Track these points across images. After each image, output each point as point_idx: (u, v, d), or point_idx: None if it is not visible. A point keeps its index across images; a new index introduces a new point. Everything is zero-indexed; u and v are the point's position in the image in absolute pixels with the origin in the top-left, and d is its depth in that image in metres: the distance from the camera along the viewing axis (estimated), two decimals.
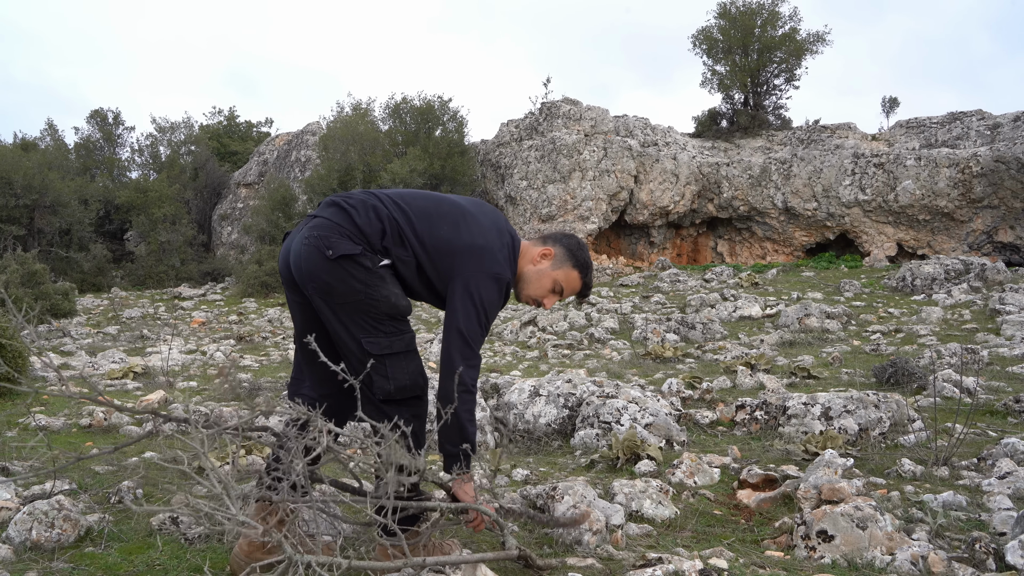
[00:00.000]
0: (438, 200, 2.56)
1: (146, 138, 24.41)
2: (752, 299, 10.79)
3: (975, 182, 14.45)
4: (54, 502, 2.82)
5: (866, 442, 4.36)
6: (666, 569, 2.53)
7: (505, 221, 2.64)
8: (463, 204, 2.57)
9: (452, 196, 2.64)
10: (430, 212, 2.48)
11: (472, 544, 2.94)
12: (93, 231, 20.37)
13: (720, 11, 20.25)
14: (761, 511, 3.38)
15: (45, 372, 6.96)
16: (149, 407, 5.32)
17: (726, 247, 18.02)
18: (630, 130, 18.57)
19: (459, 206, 2.54)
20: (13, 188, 18.21)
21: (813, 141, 18.27)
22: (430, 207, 2.50)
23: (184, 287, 18.00)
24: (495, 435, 4.88)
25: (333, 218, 2.39)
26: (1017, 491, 3.36)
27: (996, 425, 4.61)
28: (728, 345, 8.03)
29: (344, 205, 2.42)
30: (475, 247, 2.43)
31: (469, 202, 2.61)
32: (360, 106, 19.43)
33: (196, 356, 8.79)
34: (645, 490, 3.42)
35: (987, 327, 8.19)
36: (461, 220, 2.49)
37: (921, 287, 11.22)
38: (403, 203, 2.48)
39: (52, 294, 11.12)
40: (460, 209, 2.53)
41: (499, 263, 2.46)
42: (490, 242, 2.47)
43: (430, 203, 2.51)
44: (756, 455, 4.22)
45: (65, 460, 3.60)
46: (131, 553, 2.70)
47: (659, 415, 4.60)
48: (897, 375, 5.73)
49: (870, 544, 2.76)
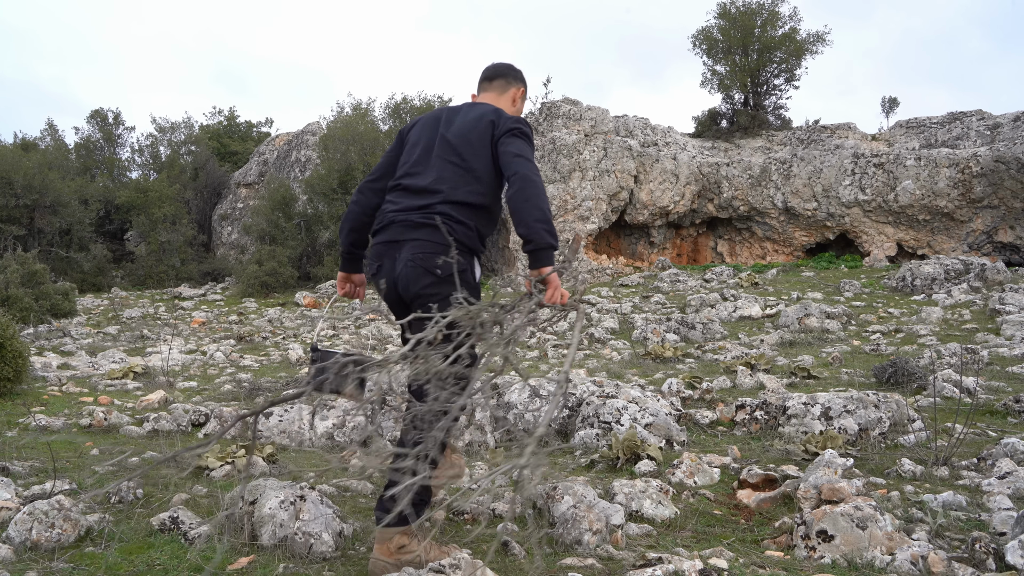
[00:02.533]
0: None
1: (146, 138, 24.43)
2: (752, 299, 10.79)
3: (975, 182, 14.45)
4: (54, 502, 2.82)
5: (866, 442, 4.36)
6: (666, 569, 2.54)
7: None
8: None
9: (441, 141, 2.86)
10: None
11: (472, 544, 2.95)
12: (93, 231, 20.36)
13: (720, 11, 20.25)
14: (761, 511, 3.38)
15: (45, 372, 6.96)
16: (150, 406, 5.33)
17: (726, 247, 18.02)
18: (630, 130, 18.56)
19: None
20: (13, 188, 18.21)
21: (813, 141, 18.27)
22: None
23: (184, 287, 17.99)
24: (495, 435, 4.88)
25: (429, 238, 2.66)
26: (1017, 491, 3.36)
27: (996, 425, 4.61)
28: (728, 345, 8.03)
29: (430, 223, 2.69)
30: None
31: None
32: (360, 106, 19.44)
33: (196, 356, 8.79)
34: (645, 490, 3.42)
35: (987, 327, 8.19)
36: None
37: (921, 287, 11.22)
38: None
39: (52, 294, 11.12)
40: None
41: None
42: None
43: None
44: (756, 455, 4.22)
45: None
46: (131, 553, 2.70)
47: (659, 415, 4.60)
48: (897, 375, 5.73)
49: (870, 544, 2.76)
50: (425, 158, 2.86)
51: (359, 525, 3.06)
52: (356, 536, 2.96)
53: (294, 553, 2.72)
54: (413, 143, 2.94)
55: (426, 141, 2.89)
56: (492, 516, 3.28)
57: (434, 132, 2.89)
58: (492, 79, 3.08)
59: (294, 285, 16.68)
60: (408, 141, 2.97)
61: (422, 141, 2.91)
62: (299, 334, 10.87)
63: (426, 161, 2.85)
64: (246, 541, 2.80)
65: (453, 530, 3.13)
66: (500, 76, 3.07)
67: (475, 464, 4.14)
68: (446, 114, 2.94)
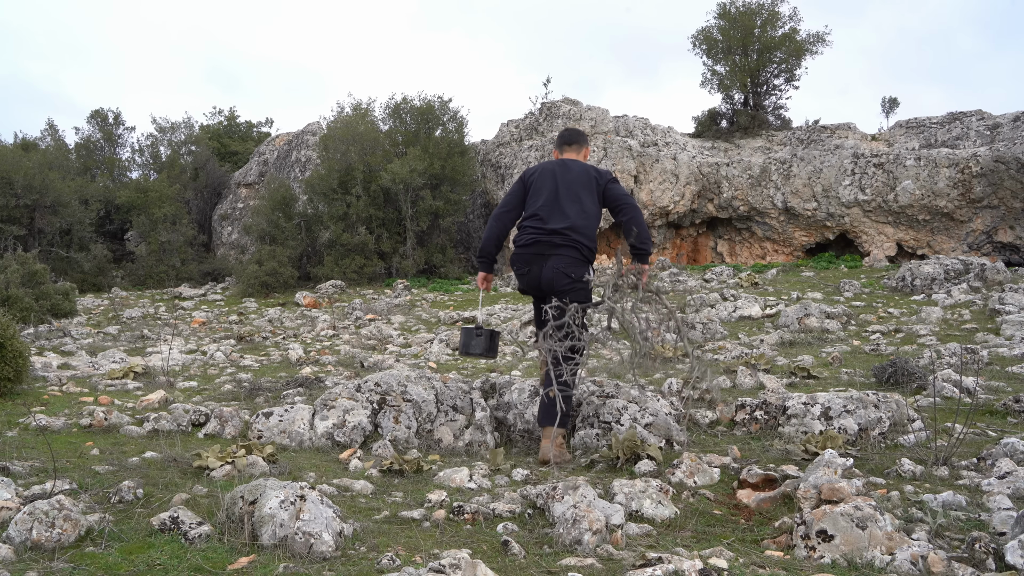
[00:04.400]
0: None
1: (146, 138, 24.41)
2: (752, 299, 10.79)
3: (975, 182, 14.45)
4: (54, 502, 2.82)
5: (866, 442, 4.36)
6: (666, 569, 2.54)
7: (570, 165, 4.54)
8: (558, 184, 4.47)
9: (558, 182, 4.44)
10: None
11: (472, 544, 2.95)
12: (93, 231, 20.35)
13: (720, 11, 20.24)
14: (761, 511, 3.38)
15: (45, 372, 6.96)
16: (150, 406, 5.33)
17: (726, 247, 18.02)
18: (630, 130, 18.57)
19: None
20: (13, 188, 18.21)
21: (813, 141, 18.27)
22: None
23: (184, 287, 18.00)
24: (495, 435, 4.88)
25: (567, 254, 4.30)
26: (1017, 491, 3.36)
27: (996, 425, 4.61)
28: (728, 345, 8.03)
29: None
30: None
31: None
32: (360, 106, 19.43)
33: (196, 356, 8.80)
34: (645, 490, 3.42)
35: (987, 327, 8.19)
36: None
37: (921, 287, 11.22)
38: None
39: (52, 294, 11.11)
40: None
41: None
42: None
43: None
44: (756, 455, 4.22)
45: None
46: (131, 553, 2.70)
47: (659, 415, 4.60)
48: (897, 375, 5.73)
49: (870, 544, 2.76)
50: (553, 199, 4.34)
51: (359, 525, 3.07)
52: (356, 536, 2.96)
53: (294, 553, 2.73)
54: (537, 188, 4.43)
55: (550, 187, 4.38)
56: (492, 516, 3.28)
57: (554, 181, 4.40)
58: (571, 143, 4.67)
59: (294, 285, 16.68)
60: (532, 185, 4.47)
61: (546, 187, 4.39)
62: (299, 334, 10.88)
63: (554, 202, 4.34)
64: (246, 541, 2.81)
65: (453, 530, 3.13)
66: (576, 142, 4.67)
67: (475, 464, 4.14)
68: (558, 168, 4.47)
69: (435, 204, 17.38)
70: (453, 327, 10.80)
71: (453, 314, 11.80)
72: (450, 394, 4.93)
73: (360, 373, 7.06)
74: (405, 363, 8.08)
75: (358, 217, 17.34)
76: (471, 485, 3.77)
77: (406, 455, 4.28)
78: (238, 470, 3.75)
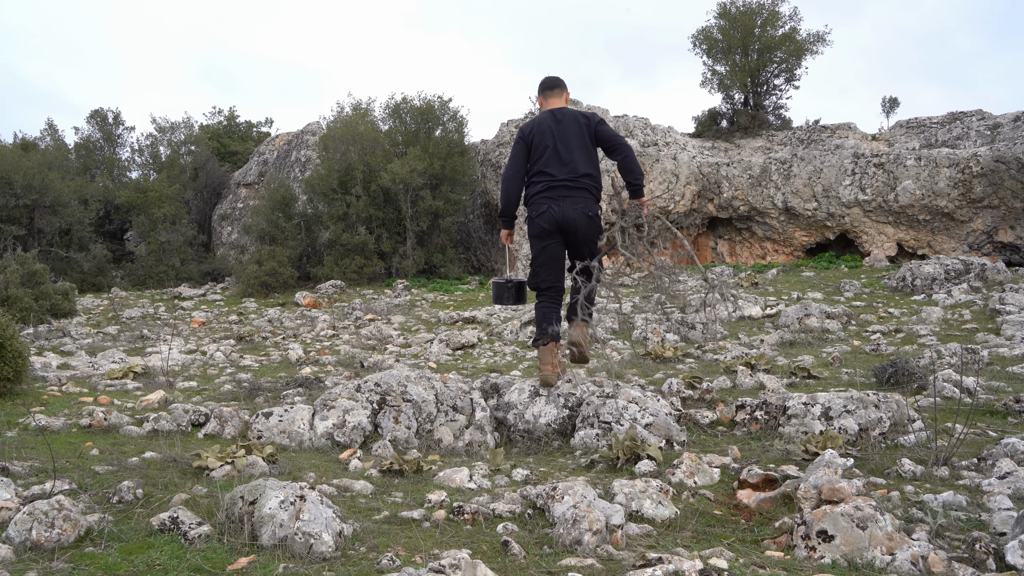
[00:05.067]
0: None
1: (146, 138, 24.40)
2: (752, 299, 10.79)
3: (975, 182, 14.45)
4: (54, 502, 2.82)
5: (866, 442, 4.36)
6: (666, 569, 2.54)
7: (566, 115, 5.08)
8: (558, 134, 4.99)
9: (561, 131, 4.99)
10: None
11: (472, 544, 2.95)
12: (93, 231, 20.35)
13: (720, 11, 20.24)
14: (761, 511, 3.38)
15: (45, 372, 6.96)
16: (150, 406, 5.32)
17: (726, 247, 18.02)
18: (630, 130, 18.57)
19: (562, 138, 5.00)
20: (13, 188, 18.20)
21: (813, 141, 18.27)
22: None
23: (184, 287, 17.99)
24: (495, 435, 4.88)
25: (581, 196, 4.92)
26: (1017, 491, 3.36)
27: (996, 425, 4.61)
28: (728, 345, 8.03)
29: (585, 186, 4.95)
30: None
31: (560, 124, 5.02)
32: (360, 106, 19.42)
33: (196, 356, 8.80)
34: (645, 490, 3.42)
35: (987, 327, 8.19)
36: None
37: (921, 287, 11.22)
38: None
39: (52, 294, 11.11)
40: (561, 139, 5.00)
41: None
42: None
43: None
44: (756, 455, 4.22)
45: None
46: (131, 553, 2.70)
47: (659, 415, 4.60)
48: (897, 375, 5.73)
49: (870, 544, 2.76)
50: (555, 153, 4.87)
51: (359, 525, 3.06)
52: (356, 536, 2.96)
53: (294, 553, 2.72)
54: (538, 144, 4.92)
55: (550, 142, 4.88)
56: (492, 516, 3.28)
57: (552, 136, 4.89)
58: (552, 88, 5.14)
59: (294, 285, 16.68)
60: (532, 142, 4.95)
61: (546, 142, 4.89)
62: (299, 334, 10.88)
63: (556, 155, 4.87)
64: (246, 541, 2.80)
65: (453, 530, 3.13)
66: (557, 86, 5.14)
67: (475, 464, 4.14)
68: (551, 121, 4.95)
69: (435, 204, 17.38)
70: (453, 327, 10.79)
71: (453, 314, 11.79)
72: (450, 394, 4.93)
73: (360, 373, 7.06)
74: (405, 363, 8.08)
75: (358, 217, 17.34)
76: (471, 485, 3.76)
77: (406, 455, 4.28)
78: (238, 470, 3.74)
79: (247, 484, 3.06)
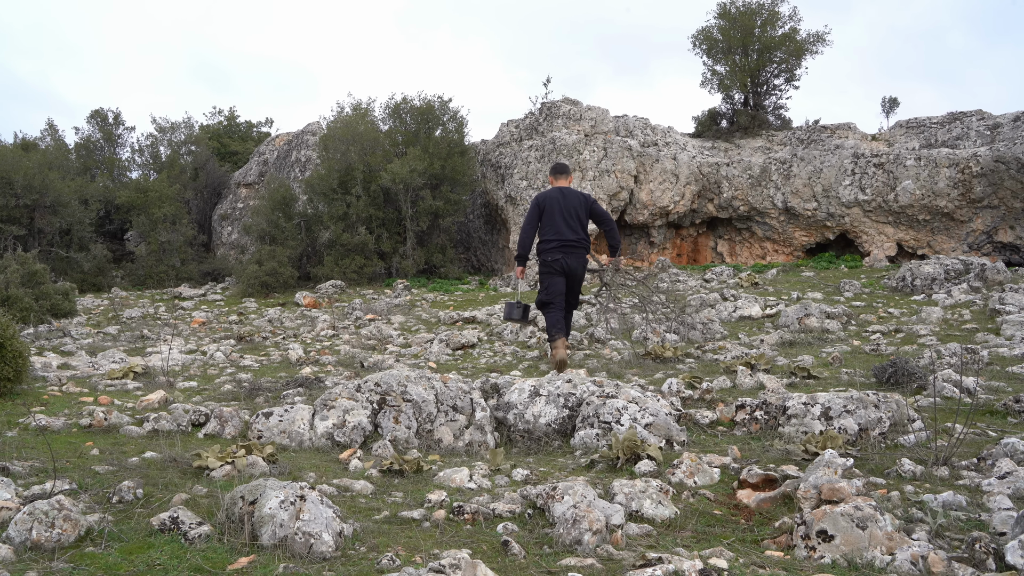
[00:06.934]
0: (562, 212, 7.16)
1: (146, 138, 24.39)
2: (752, 299, 10.79)
3: (975, 182, 14.45)
4: (54, 502, 2.82)
5: (866, 442, 4.36)
6: (666, 569, 2.54)
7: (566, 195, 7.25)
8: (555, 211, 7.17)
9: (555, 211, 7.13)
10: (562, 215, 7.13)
11: (472, 544, 2.95)
12: (93, 231, 20.34)
13: (720, 11, 20.24)
14: (761, 511, 3.38)
15: (45, 372, 6.96)
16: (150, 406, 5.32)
17: (726, 247, 18.02)
18: (630, 130, 18.56)
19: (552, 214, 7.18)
20: (13, 188, 18.20)
21: (813, 141, 18.26)
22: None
23: (184, 287, 17.99)
24: (495, 435, 4.88)
25: (580, 253, 7.13)
26: (1017, 491, 3.36)
27: (996, 425, 4.61)
28: (728, 345, 8.02)
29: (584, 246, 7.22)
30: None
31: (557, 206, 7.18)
32: (360, 106, 19.42)
33: (196, 356, 8.80)
34: (645, 490, 3.42)
35: (987, 327, 8.19)
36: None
37: (921, 287, 11.22)
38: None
39: (52, 294, 11.11)
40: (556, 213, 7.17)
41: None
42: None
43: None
44: (756, 455, 4.22)
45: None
46: (131, 553, 2.70)
47: (659, 415, 4.60)
48: (897, 375, 5.73)
49: (870, 544, 2.76)
50: (563, 221, 6.97)
51: (359, 525, 3.07)
52: (356, 536, 2.96)
53: (294, 553, 2.72)
54: (549, 211, 7.02)
55: (558, 211, 6.98)
56: (492, 516, 3.28)
57: (561, 207, 6.99)
58: (562, 173, 7.33)
59: (294, 285, 16.68)
60: (544, 210, 7.05)
61: (555, 211, 6.99)
62: (299, 334, 10.88)
63: (564, 222, 6.97)
64: (246, 541, 2.80)
65: (453, 530, 3.13)
66: (565, 172, 7.33)
67: (475, 464, 4.14)
68: (558, 195, 7.06)
69: (435, 204, 17.38)
70: (453, 327, 10.79)
71: (453, 314, 11.79)
72: (450, 394, 4.93)
73: (360, 373, 7.06)
74: (405, 363, 8.08)
75: (358, 217, 17.34)
76: (471, 485, 3.76)
77: (406, 455, 4.28)
78: (238, 470, 3.74)
79: (247, 484, 3.06)
